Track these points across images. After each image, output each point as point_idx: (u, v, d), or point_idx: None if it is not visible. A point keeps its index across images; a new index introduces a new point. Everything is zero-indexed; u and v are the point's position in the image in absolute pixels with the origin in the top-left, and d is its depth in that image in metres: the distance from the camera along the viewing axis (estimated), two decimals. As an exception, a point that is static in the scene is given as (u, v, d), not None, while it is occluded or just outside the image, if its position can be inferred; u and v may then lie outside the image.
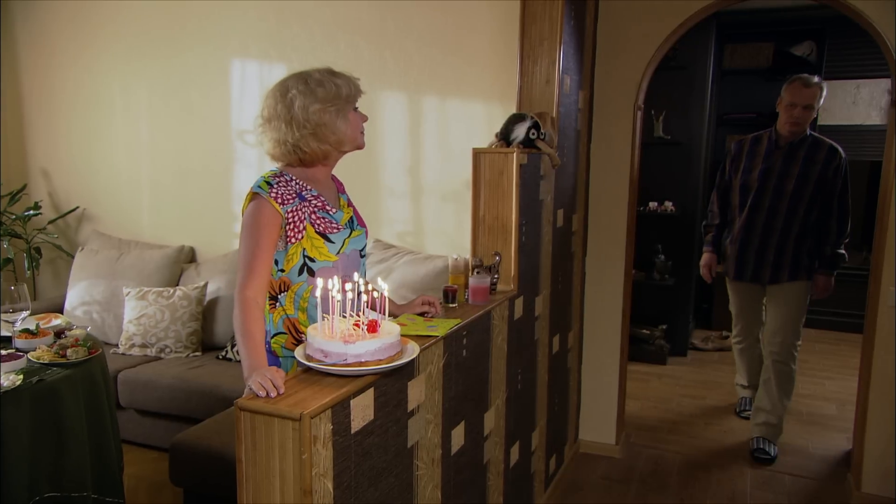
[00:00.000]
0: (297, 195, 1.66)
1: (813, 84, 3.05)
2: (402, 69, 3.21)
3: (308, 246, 1.66)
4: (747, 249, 3.24)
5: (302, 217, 1.65)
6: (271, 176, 1.67)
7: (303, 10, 3.36)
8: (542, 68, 2.44)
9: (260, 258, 1.59)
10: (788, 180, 3.11)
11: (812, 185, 3.08)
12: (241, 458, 1.29)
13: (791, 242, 3.14)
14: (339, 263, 1.71)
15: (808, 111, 3.05)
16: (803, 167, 3.10)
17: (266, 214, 1.61)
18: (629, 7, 2.92)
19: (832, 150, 3.10)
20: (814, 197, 3.09)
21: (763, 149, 3.20)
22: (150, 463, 3.07)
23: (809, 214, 3.13)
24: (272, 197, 1.62)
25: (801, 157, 3.10)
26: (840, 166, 3.08)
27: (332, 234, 1.68)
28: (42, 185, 4.12)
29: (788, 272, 3.16)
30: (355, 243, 1.76)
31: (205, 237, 3.78)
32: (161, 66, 3.71)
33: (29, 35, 3.97)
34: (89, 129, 3.95)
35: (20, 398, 1.92)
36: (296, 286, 1.68)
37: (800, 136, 3.12)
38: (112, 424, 2.33)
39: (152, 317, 3.37)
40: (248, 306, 1.56)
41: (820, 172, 3.07)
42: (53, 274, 4.18)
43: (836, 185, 3.08)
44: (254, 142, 3.59)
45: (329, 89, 1.66)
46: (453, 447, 1.85)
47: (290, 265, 1.66)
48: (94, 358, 2.24)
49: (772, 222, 3.16)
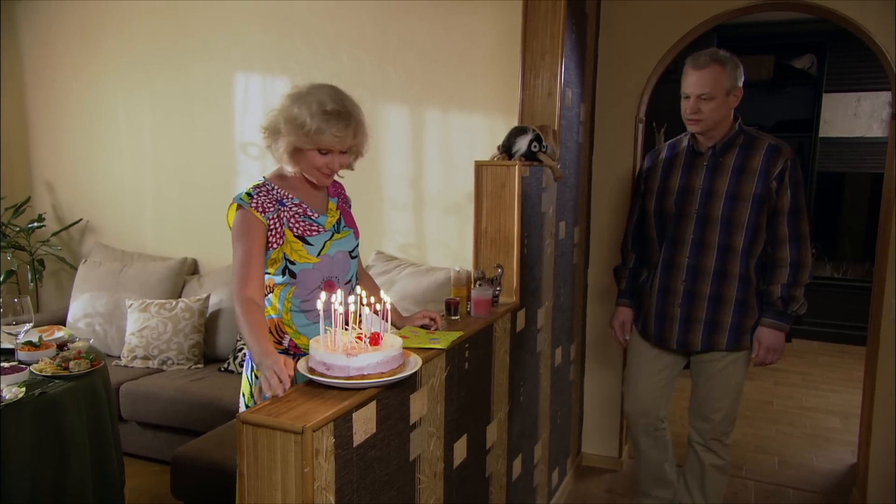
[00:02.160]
0: (278, 202, 1.72)
1: (704, 65, 2.14)
2: (404, 82, 3.23)
3: (288, 250, 1.71)
4: (669, 304, 2.31)
5: (281, 222, 1.71)
6: (253, 188, 1.73)
7: (306, 24, 3.39)
8: (543, 82, 2.45)
9: (253, 262, 1.66)
10: (715, 201, 2.20)
11: (750, 204, 2.18)
12: (243, 472, 1.28)
13: (731, 292, 2.23)
14: (321, 266, 1.74)
15: (710, 103, 2.15)
16: (734, 180, 2.19)
17: (248, 223, 1.68)
18: (630, 21, 2.94)
19: (773, 150, 2.18)
20: (755, 221, 2.19)
21: (681, 160, 2.32)
22: (152, 476, 3.05)
23: (752, 246, 2.22)
24: (253, 207, 1.69)
25: (729, 165, 2.21)
26: (787, 172, 2.16)
27: (310, 236, 1.73)
28: (46, 198, 4.13)
29: (729, 337, 2.25)
30: (340, 245, 1.79)
31: (207, 249, 3.79)
32: (165, 79, 3.74)
33: (33, 47, 4.00)
34: (93, 141, 3.97)
35: (22, 411, 1.92)
36: (279, 287, 1.74)
37: (725, 137, 2.22)
38: (114, 437, 2.32)
39: (154, 329, 3.37)
40: (248, 303, 1.61)
41: (759, 184, 2.17)
42: (56, 286, 4.19)
43: (783, 199, 2.17)
44: (257, 154, 3.62)
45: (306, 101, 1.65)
46: (455, 460, 1.84)
47: (274, 268, 1.73)
48: (96, 370, 2.24)
49: (700, 263, 2.25)
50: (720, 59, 2.14)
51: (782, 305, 2.20)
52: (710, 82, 2.13)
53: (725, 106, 2.17)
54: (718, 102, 2.14)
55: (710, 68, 2.13)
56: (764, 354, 2.25)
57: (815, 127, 5.40)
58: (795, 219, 2.18)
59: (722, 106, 2.16)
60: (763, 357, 2.26)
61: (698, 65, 2.15)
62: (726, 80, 2.14)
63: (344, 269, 1.80)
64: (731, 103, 2.18)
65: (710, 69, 2.13)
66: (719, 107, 2.15)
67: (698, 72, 2.15)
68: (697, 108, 2.15)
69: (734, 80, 2.15)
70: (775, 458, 3.41)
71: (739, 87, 2.16)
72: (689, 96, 2.17)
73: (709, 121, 2.17)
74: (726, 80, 2.14)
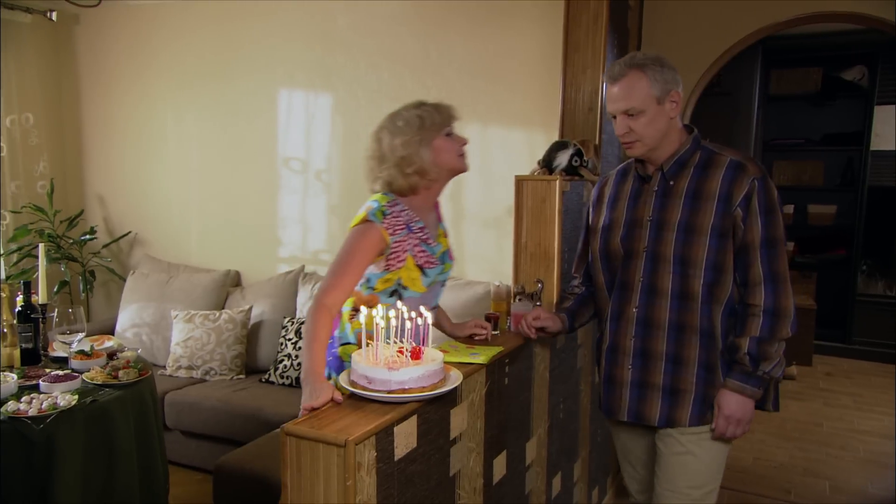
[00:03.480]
0: (406, 226, 1.73)
1: (620, 75, 1.72)
2: (444, 97, 3.21)
3: (405, 276, 1.73)
4: (619, 365, 1.83)
5: (405, 248, 1.72)
6: (387, 204, 1.73)
7: (348, 41, 3.45)
8: (584, 96, 2.45)
9: (349, 276, 1.66)
10: (666, 235, 1.75)
11: (707, 238, 1.70)
12: (287, 483, 1.29)
13: (691, 351, 1.74)
14: (426, 295, 1.78)
15: (639, 118, 1.71)
16: (687, 208, 1.73)
17: (370, 241, 1.68)
18: (673, 35, 2.91)
19: (735, 168, 1.72)
20: (714, 259, 1.71)
21: (628, 187, 1.86)
22: (195, 484, 3.11)
23: (714, 291, 1.72)
24: (384, 227, 1.69)
25: (682, 190, 1.75)
26: (755, 195, 1.69)
27: (428, 268, 1.75)
28: (98, 211, 4.28)
29: (693, 410, 1.75)
30: (443, 276, 1.84)
31: (250, 262, 3.87)
32: (211, 95, 3.85)
33: (89, 67, 4.16)
34: (142, 156, 4.10)
35: (75, 418, 1.98)
36: (383, 306, 1.71)
37: (674, 156, 1.76)
38: (159, 446, 2.38)
39: (199, 339, 3.44)
40: (322, 312, 1.62)
41: (718, 212, 1.70)
42: (106, 296, 4.32)
43: (752, 230, 1.69)
44: (299, 168, 3.69)
45: (410, 122, 1.74)
46: (495, 476, 1.83)
47: (383, 287, 1.74)
48: (144, 380, 2.30)
49: (650, 314, 1.77)
50: (638, 63, 1.71)
51: (750, 364, 1.68)
52: (631, 94, 1.69)
53: (662, 118, 1.71)
54: (651, 115, 1.70)
55: (629, 77, 1.70)
56: (723, 425, 1.72)
57: (866, 140, 5.24)
58: (770, 254, 1.68)
59: (657, 119, 1.71)
60: (723, 428, 1.73)
61: (613, 76, 1.73)
62: (652, 86, 1.69)
63: (435, 299, 1.86)
64: (668, 112, 1.72)
65: (629, 78, 1.70)
66: (654, 120, 1.71)
67: (616, 84, 1.72)
68: (627, 127, 1.72)
69: (664, 84, 1.70)
70: (826, 483, 3.29)
71: (676, 91, 1.72)
72: (615, 115, 1.75)
73: (647, 139, 1.72)
74: (652, 86, 1.69)
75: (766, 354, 1.69)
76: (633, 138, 1.73)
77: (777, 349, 1.70)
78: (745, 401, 1.72)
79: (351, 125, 3.52)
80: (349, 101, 3.50)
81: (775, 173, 5.61)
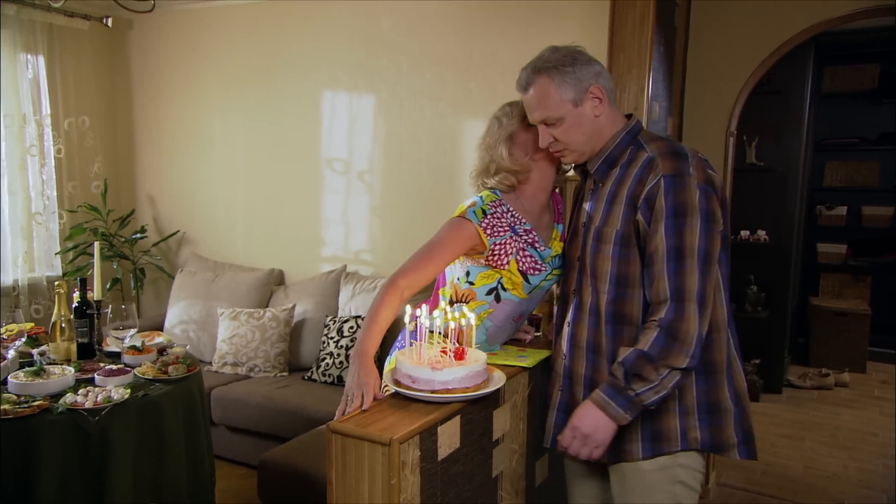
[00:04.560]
0: (510, 228, 1.65)
1: (527, 84, 1.56)
2: (486, 98, 3.25)
3: (506, 277, 1.66)
4: (551, 386, 1.67)
5: (509, 252, 1.64)
6: (490, 204, 1.65)
7: (391, 43, 3.48)
8: (630, 95, 2.41)
9: (431, 264, 1.61)
10: (590, 242, 1.57)
11: (612, 247, 1.51)
12: (332, 480, 1.31)
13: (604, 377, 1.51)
14: (525, 302, 1.71)
15: (559, 126, 1.54)
16: (605, 213, 1.54)
17: (461, 237, 1.62)
18: (722, 32, 2.85)
19: (646, 165, 1.48)
20: (617, 271, 1.50)
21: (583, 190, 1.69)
22: (239, 479, 3.17)
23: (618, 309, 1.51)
24: (482, 227, 1.62)
25: (605, 194, 1.55)
26: (659, 196, 1.43)
27: (532, 274, 1.66)
28: (148, 211, 4.41)
29: (643, 442, 1.51)
30: (548, 284, 1.73)
31: (293, 261, 3.93)
32: (257, 98, 3.93)
33: (141, 71, 4.29)
34: (190, 157, 4.21)
35: (128, 411, 2.05)
36: (477, 304, 1.70)
37: (603, 154, 1.56)
38: (206, 440, 2.43)
39: (243, 337, 3.51)
40: (392, 291, 1.57)
41: (623, 217, 1.49)
42: (155, 293, 4.45)
43: (654, 237, 1.43)
44: (342, 170, 3.74)
45: (491, 126, 1.71)
46: (537, 479, 1.81)
47: (482, 283, 1.68)
48: (192, 375, 2.36)
49: (578, 333, 1.59)
50: (542, 68, 1.53)
51: (623, 379, 1.41)
52: (542, 102, 1.53)
53: (585, 120, 1.53)
54: (571, 121, 1.52)
55: (536, 84, 1.53)
56: (569, 437, 1.45)
57: (926, 139, 5.03)
58: (677, 268, 1.40)
59: (580, 123, 1.53)
60: (567, 439, 1.45)
61: (521, 84, 1.57)
62: (562, 89, 1.51)
63: (537, 304, 1.78)
64: (590, 112, 1.53)
65: (536, 86, 1.53)
66: (576, 125, 1.53)
67: (525, 95, 1.57)
68: (550, 137, 1.55)
69: (578, 84, 1.51)
70: (883, 496, 3.16)
71: (596, 86, 1.52)
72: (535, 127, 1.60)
73: (573, 145, 1.55)
74: (562, 89, 1.51)
75: (642, 373, 1.39)
76: (559, 147, 1.57)
77: (660, 375, 1.38)
78: (604, 419, 1.42)
79: (393, 126, 3.54)
80: (391, 103, 3.52)
81: (827, 174, 5.43)
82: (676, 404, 1.49)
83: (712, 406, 1.49)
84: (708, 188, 1.43)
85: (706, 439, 1.49)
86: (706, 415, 1.49)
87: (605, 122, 1.55)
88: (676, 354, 1.38)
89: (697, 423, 1.49)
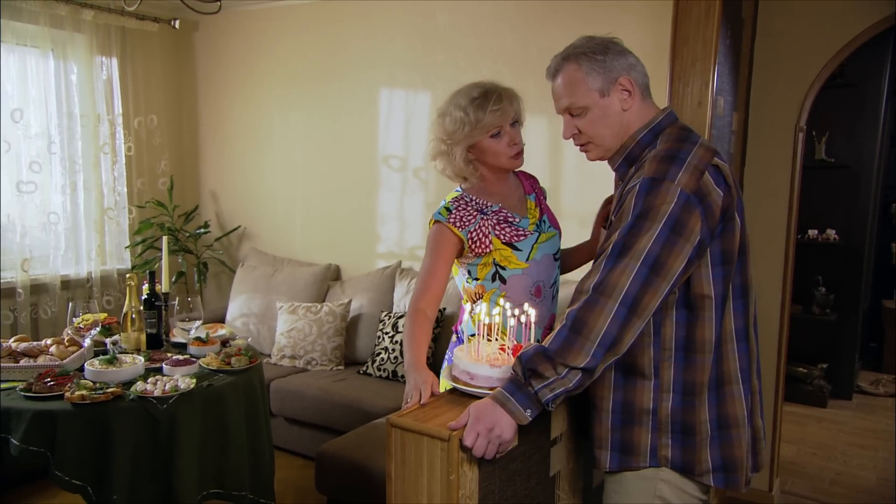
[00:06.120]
0: (479, 212, 1.74)
1: (556, 71, 1.52)
2: (543, 94, 3.18)
3: (498, 256, 1.73)
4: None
5: (486, 232, 1.72)
6: (452, 201, 1.76)
7: (448, 40, 3.48)
8: (693, 90, 2.34)
9: (434, 277, 1.70)
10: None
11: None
12: (391, 474, 1.32)
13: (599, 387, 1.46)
14: (530, 271, 1.75)
15: (584, 117, 1.48)
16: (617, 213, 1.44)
17: (443, 239, 1.72)
18: (793, 23, 2.74)
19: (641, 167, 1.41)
20: None
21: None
22: (297, 469, 3.25)
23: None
24: (451, 223, 1.72)
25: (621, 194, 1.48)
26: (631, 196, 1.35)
27: (518, 242, 1.74)
28: (211, 207, 4.56)
29: (612, 452, 1.46)
30: (545, 248, 1.79)
31: (349, 256, 3.99)
32: (315, 95, 4.00)
33: (205, 71, 4.44)
34: (251, 155, 4.33)
35: (193, 400, 2.12)
36: (490, 292, 1.75)
37: (624, 152, 1.49)
38: (266, 430, 2.50)
39: (301, 330, 3.59)
40: (417, 316, 1.67)
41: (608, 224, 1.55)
42: (217, 287, 4.60)
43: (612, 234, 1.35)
44: (398, 167, 3.77)
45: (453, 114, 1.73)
46: (595, 479, 1.79)
47: (484, 273, 1.75)
48: (254, 367, 2.42)
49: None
50: (571, 54, 1.48)
51: (521, 375, 1.31)
52: (568, 90, 1.47)
53: (611, 113, 1.46)
54: (597, 112, 1.46)
55: (564, 71, 1.48)
56: (472, 435, 1.27)
57: None
58: (615, 264, 1.30)
59: (606, 115, 1.46)
60: (468, 435, 1.27)
61: (550, 71, 1.52)
62: (589, 77, 1.44)
63: (549, 274, 1.80)
64: (617, 105, 1.46)
65: (564, 72, 1.48)
66: (602, 117, 1.46)
67: (553, 83, 1.52)
68: (574, 128, 1.49)
69: (607, 73, 1.44)
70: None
71: (623, 77, 1.45)
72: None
73: (598, 139, 1.48)
74: (589, 77, 1.44)
75: (538, 369, 1.29)
76: (583, 140, 1.50)
77: (557, 373, 1.28)
78: (496, 411, 1.29)
79: (449, 123, 3.55)
80: (448, 100, 3.53)
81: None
82: (650, 418, 1.41)
83: (686, 427, 1.39)
84: (691, 199, 1.29)
85: (677, 459, 1.40)
86: (679, 434, 1.40)
87: (634, 117, 1.47)
88: (577, 352, 1.27)
89: (670, 441, 1.40)
